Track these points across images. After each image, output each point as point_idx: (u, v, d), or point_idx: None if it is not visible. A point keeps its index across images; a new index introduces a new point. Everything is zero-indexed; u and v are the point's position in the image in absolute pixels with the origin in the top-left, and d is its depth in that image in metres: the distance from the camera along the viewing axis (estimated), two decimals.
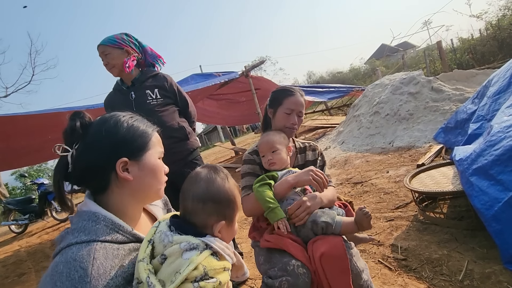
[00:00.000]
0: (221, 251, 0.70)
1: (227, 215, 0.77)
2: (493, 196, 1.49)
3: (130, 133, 0.78)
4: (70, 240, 0.65)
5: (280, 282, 1.00)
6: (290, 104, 1.41)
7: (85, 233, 0.66)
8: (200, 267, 0.63)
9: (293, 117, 1.42)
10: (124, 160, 0.74)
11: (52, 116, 3.63)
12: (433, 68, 12.76)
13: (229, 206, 0.77)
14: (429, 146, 3.75)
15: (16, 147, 4.15)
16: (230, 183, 0.80)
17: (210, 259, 0.66)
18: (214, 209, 0.75)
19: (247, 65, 6.12)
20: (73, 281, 0.58)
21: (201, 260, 0.64)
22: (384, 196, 2.71)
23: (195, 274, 0.62)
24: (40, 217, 6.43)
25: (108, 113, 0.82)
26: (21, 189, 16.69)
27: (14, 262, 4.31)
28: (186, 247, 0.65)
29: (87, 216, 0.70)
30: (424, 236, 1.90)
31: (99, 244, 0.65)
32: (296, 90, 1.47)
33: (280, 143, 1.34)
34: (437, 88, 4.76)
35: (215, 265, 0.66)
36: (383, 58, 26.42)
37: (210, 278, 0.64)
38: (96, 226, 0.68)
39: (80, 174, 0.75)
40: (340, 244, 1.03)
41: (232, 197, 0.78)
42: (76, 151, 0.75)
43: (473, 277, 1.42)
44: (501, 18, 12.85)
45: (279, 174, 1.28)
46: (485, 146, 1.72)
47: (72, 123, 0.76)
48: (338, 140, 5.74)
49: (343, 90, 8.81)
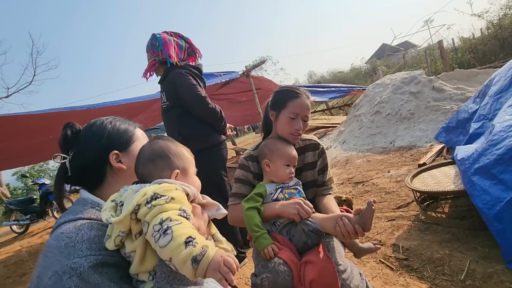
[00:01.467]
0: (172, 181, 0.73)
1: (179, 166, 0.81)
2: (495, 195, 1.49)
3: (115, 130, 0.90)
4: (60, 220, 0.76)
5: (261, 279, 1.00)
6: (295, 108, 1.28)
7: (72, 214, 0.76)
8: (150, 191, 0.67)
9: (298, 122, 1.28)
10: (115, 152, 0.87)
11: (53, 116, 3.64)
12: (434, 68, 12.74)
13: (178, 158, 0.82)
14: (430, 145, 3.74)
15: (17, 147, 4.16)
16: (174, 142, 0.86)
17: (159, 185, 0.70)
18: (164, 163, 0.80)
19: (248, 65, 6.13)
20: (60, 248, 0.66)
21: (148, 188, 0.68)
22: (386, 196, 2.70)
23: (145, 197, 0.65)
24: (41, 217, 6.44)
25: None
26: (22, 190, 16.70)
27: (16, 262, 4.31)
28: (137, 188, 0.71)
29: (77, 202, 0.82)
30: (425, 236, 1.89)
31: (84, 221, 0.74)
32: (302, 92, 1.33)
33: None
34: (438, 87, 4.75)
35: (164, 186, 0.69)
36: (384, 58, 26.38)
37: (161, 196, 0.66)
38: (83, 208, 0.79)
39: (79, 174, 0.86)
40: (331, 270, 0.99)
41: (178, 150, 0.84)
42: (73, 156, 0.86)
43: (475, 277, 1.42)
44: (503, 17, 12.82)
45: (267, 190, 1.24)
46: (487, 146, 1.71)
47: (64, 132, 0.86)
48: (339, 139, 5.73)
49: (344, 90, 8.81)
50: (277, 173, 1.26)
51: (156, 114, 5.86)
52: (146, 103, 4.82)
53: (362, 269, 1.75)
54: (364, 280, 1.13)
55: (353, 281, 1.04)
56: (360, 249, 1.35)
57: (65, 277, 0.61)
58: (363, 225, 1.00)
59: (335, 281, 0.97)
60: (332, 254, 1.06)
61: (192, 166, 0.85)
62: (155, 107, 5.26)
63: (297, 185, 1.30)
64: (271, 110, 1.36)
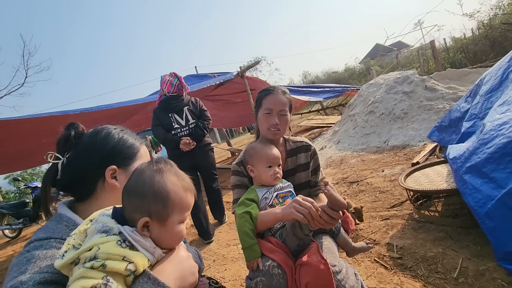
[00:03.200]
0: (133, 242, 0.63)
1: (152, 212, 0.66)
2: (486, 193, 1.51)
3: (120, 144, 0.85)
4: (31, 239, 0.71)
5: (255, 283, 1.00)
6: (268, 104, 1.31)
7: (44, 232, 0.71)
8: (94, 248, 0.59)
9: (273, 118, 1.30)
10: (113, 167, 0.80)
11: (45, 120, 3.58)
12: (426, 67, 12.89)
13: (155, 201, 0.67)
14: (423, 144, 3.78)
15: (8, 152, 4.09)
16: (165, 177, 0.69)
17: (111, 244, 0.61)
18: (137, 203, 0.67)
19: (242, 66, 6.12)
20: (19, 265, 0.63)
21: (97, 242, 0.60)
22: (380, 195, 2.72)
23: (87, 255, 0.59)
24: (34, 221, 6.34)
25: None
26: (14, 193, 16.46)
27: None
28: (100, 228, 0.63)
29: (54, 218, 0.76)
30: (419, 234, 1.91)
31: (54, 241, 0.69)
32: (277, 88, 1.36)
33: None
34: (431, 87, 4.81)
35: (112, 250, 0.59)
36: (377, 58, 26.61)
37: (98, 261, 0.58)
38: (57, 226, 0.73)
39: (69, 180, 0.79)
40: (326, 272, 0.99)
41: (162, 192, 0.67)
42: (67, 159, 0.80)
43: (467, 275, 1.44)
44: (493, 17, 13.03)
45: (259, 195, 1.21)
46: (478, 144, 1.74)
47: (67, 132, 0.82)
48: (334, 139, 5.76)
49: (338, 90, 8.85)
50: (261, 176, 1.25)
51: (150, 116, 5.82)
52: (140, 105, 4.79)
53: (356, 268, 1.76)
54: (359, 280, 1.13)
55: (348, 281, 1.04)
56: (353, 248, 1.36)
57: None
58: (335, 206, 0.97)
59: (330, 282, 0.97)
60: (326, 255, 1.06)
61: (178, 213, 0.69)
62: (149, 108, 5.23)
63: (290, 188, 1.30)
64: (254, 111, 1.42)
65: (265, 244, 1.12)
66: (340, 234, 1.31)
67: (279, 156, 1.27)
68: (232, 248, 2.65)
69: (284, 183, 1.31)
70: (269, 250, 1.09)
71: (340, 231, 1.32)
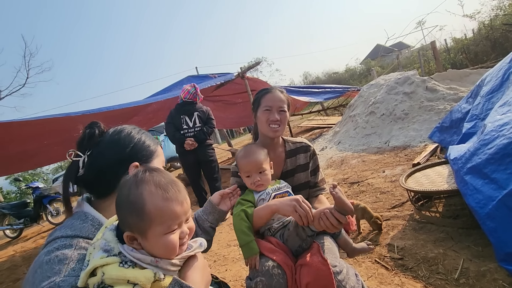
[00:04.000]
0: (135, 260, 0.64)
1: (131, 225, 0.65)
2: (487, 194, 1.50)
3: (140, 142, 0.90)
4: (56, 235, 0.71)
5: (255, 283, 1.00)
6: (267, 101, 1.35)
7: (71, 229, 0.73)
8: (99, 273, 0.60)
9: (273, 114, 1.32)
10: (136, 163, 0.84)
11: (48, 122, 3.59)
12: (427, 68, 12.88)
13: (131, 214, 0.65)
14: (424, 145, 3.78)
15: (10, 153, 4.09)
16: (141, 188, 0.66)
17: (113, 267, 0.61)
18: (120, 217, 0.68)
19: (243, 66, 6.13)
20: (51, 264, 0.64)
21: (97, 264, 0.61)
22: (381, 196, 2.72)
23: (94, 281, 0.60)
24: (35, 221, 6.35)
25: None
26: (15, 193, 16.47)
27: (9, 268, 4.25)
28: (102, 246, 0.64)
29: (77, 216, 0.78)
30: (420, 235, 1.91)
31: (81, 240, 0.71)
32: (274, 88, 1.42)
33: (265, 161, 1.25)
34: (432, 87, 4.80)
35: (114, 274, 0.60)
36: (378, 59, 26.59)
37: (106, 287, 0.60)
38: (82, 224, 0.75)
39: (93, 178, 0.83)
40: (326, 273, 0.99)
41: (136, 203, 0.65)
42: (89, 157, 0.83)
43: (468, 276, 1.43)
44: (494, 18, 13.01)
45: (255, 196, 1.22)
46: (479, 145, 1.74)
47: (91, 130, 0.85)
48: (334, 140, 5.76)
49: (339, 91, 8.85)
50: (247, 184, 1.26)
51: (151, 117, 5.83)
52: (140, 106, 4.80)
53: (357, 269, 1.76)
54: (360, 280, 1.13)
55: (349, 282, 1.04)
56: (353, 249, 1.36)
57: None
58: (342, 210, 0.98)
59: (331, 283, 0.98)
60: (327, 256, 1.06)
61: (159, 225, 0.65)
62: (149, 109, 5.24)
63: (287, 188, 1.30)
64: (253, 112, 1.44)
65: (265, 244, 1.12)
66: (341, 234, 1.31)
67: (257, 164, 1.23)
68: (232, 248, 2.65)
69: (282, 183, 1.31)
70: (269, 250, 1.09)
71: (341, 232, 1.32)
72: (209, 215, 1.11)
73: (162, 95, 4.96)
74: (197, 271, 0.73)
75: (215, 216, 1.11)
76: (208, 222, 1.10)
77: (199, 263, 0.75)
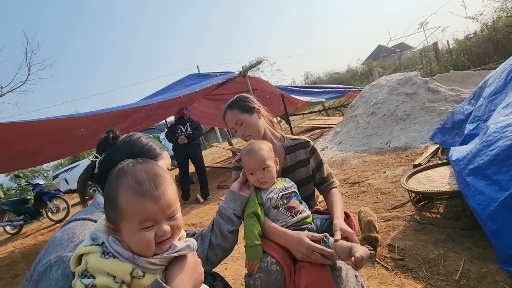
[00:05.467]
0: (114, 253, 0.65)
1: (108, 217, 0.68)
2: (489, 196, 1.50)
3: (147, 146, 0.98)
4: (72, 217, 0.83)
5: (254, 279, 1.01)
6: (227, 123, 1.47)
7: (83, 213, 0.84)
8: (83, 261, 0.63)
9: (238, 132, 1.42)
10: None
11: (51, 123, 3.60)
12: (429, 69, 12.86)
13: (107, 206, 0.68)
14: (425, 146, 3.77)
15: (12, 151, 4.10)
16: (119, 181, 0.67)
17: (95, 257, 0.63)
18: (105, 208, 0.70)
19: (244, 66, 6.12)
20: (61, 240, 0.72)
21: (80, 251, 0.64)
22: (381, 196, 2.71)
23: (79, 269, 0.63)
24: (35, 218, 6.37)
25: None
26: (16, 190, 16.50)
27: (8, 264, 4.26)
28: (92, 233, 0.68)
29: (92, 204, 0.91)
30: (421, 236, 1.90)
31: (92, 222, 0.81)
32: (226, 106, 1.47)
33: (269, 157, 1.23)
34: (434, 88, 4.79)
35: (95, 264, 0.62)
36: (380, 59, 26.53)
37: (89, 277, 0.61)
38: (94, 211, 0.87)
39: (104, 174, 0.86)
40: (326, 276, 1.00)
41: (112, 196, 0.66)
42: (104, 157, 0.94)
43: (469, 277, 1.43)
44: (496, 19, 12.97)
45: (263, 196, 1.21)
46: (481, 146, 1.73)
47: (107, 135, 0.97)
48: (335, 140, 5.75)
49: (340, 91, 8.85)
50: (251, 181, 1.25)
51: (151, 114, 5.83)
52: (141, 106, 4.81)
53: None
54: (360, 282, 1.13)
55: (348, 284, 1.05)
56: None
57: (54, 268, 0.64)
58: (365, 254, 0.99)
59: (330, 286, 0.98)
60: None
61: (131, 220, 0.64)
62: (150, 107, 5.23)
63: (294, 188, 1.29)
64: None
65: (267, 242, 1.13)
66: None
67: (259, 161, 1.20)
68: None
69: (288, 182, 1.30)
70: (270, 247, 1.10)
71: None
72: (231, 202, 1.17)
73: (163, 95, 4.95)
74: (184, 273, 0.71)
75: (237, 203, 1.17)
76: (230, 209, 1.14)
77: (188, 265, 0.73)
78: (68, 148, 5.23)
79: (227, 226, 1.11)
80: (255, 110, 1.43)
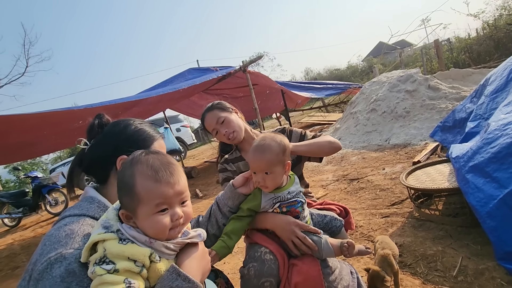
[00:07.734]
0: (131, 238, 0.66)
1: (124, 204, 0.69)
2: (488, 193, 1.50)
3: (136, 135, 0.90)
4: (66, 214, 0.77)
5: (247, 269, 1.01)
6: (207, 127, 1.47)
7: (78, 209, 0.78)
8: (100, 248, 0.63)
9: (220, 131, 1.42)
10: (124, 157, 0.84)
11: (50, 115, 3.58)
12: (430, 67, 12.80)
13: (124, 193, 0.69)
14: (425, 143, 3.78)
15: (10, 143, 4.09)
16: (134, 168, 0.69)
17: (113, 243, 0.64)
18: (118, 195, 0.72)
19: (244, 60, 6.08)
20: (59, 237, 0.68)
21: (95, 239, 0.64)
22: (380, 193, 2.72)
23: (96, 256, 0.63)
24: (34, 210, 6.37)
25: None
26: (14, 183, 16.48)
27: (8, 256, 4.27)
28: (103, 223, 0.68)
29: (85, 199, 0.83)
30: (419, 232, 1.91)
31: (88, 218, 0.76)
32: (204, 111, 1.49)
33: (277, 162, 1.05)
34: (434, 86, 4.78)
35: (115, 250, 0.63)
36: (380, 56, 26.46)
37: (108, 263, 0.61)
38: (89, 206, 0.80)
39: (88, 164, 0.88)
40: (315, 274, 0.99)
41: (128, 183, 0.68)
42: (90, 145, 0.89)
43: (467, 273, 1.44)
44: (498, 18, 12.91)
45: (262, 203, 1.09)
46: (482, 144, 1.73)
47: (92, 121, 0.91)
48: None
49: (340, 87, 8.83)
50: (253, 179, 1.11)
51: (151, 108, 5.81)
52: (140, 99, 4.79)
53: (355, 265, 1.77)
54: (356, 277, 1.13)
55: (341, 282, 1.05)
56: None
57: (56, 265, 0.63)
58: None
59: (319, 285, 0.99)
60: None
61: (147, 204, 0.67)
62: (150, 100, 5.21)
63: (298, 197, 1.13)
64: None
65: (259, 235, 1.14)
66: (341, 234, 1.31)
67: (261, 164, 1.04)
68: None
69: (295, 185, 1.14)
70: (263, 239, 1.11)
71: (341, 231, 1.31)
72: (229, 199, 1.10)
73: (163, 88, 4.92)
74: (195, 260, 0.74)
75: (234, 201, 1.10)
76: (227, 206, 1.10)
77: (198, 253, 0.76)
78: (66, 139, 5.19)
79: (223, 220, 1.10)
80: (233, 110, 1.51)
